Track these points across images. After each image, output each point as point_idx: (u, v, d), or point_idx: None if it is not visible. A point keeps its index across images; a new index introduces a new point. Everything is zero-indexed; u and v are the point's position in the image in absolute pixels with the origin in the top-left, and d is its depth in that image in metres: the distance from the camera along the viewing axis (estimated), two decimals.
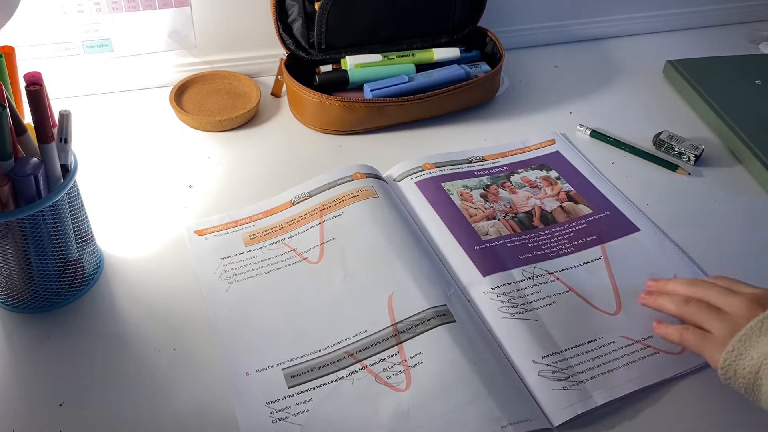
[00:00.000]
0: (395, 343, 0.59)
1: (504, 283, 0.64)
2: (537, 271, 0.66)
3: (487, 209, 0.72)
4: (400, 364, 0.57)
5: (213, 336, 0.60)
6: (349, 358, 0.58)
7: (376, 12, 0.85)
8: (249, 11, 0.86)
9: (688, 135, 0.84)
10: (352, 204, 0.70)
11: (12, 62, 0.58)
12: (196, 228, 0.69)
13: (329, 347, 0.59)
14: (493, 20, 0.94)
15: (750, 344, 0.51)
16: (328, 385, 0.56)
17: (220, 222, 0.70)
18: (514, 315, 0.61)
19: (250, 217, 0.71)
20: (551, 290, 0.64)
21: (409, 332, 0.59)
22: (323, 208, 0.70)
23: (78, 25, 0.81)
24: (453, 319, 0.60)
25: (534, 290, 0.64)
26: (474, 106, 0.88)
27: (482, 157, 0.80)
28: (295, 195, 0.73)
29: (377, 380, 0.56)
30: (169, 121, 0.84)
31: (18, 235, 0.56)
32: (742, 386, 0.52)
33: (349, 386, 0.56)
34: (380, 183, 0.74)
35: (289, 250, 0.67)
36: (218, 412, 0.55)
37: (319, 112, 0.82)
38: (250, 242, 0.68)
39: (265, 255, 0.67)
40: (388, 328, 0.60)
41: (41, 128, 0.54)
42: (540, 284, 0.64)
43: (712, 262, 0.68)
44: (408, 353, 0.58)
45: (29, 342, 0.59)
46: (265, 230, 0.69)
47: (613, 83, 0.95)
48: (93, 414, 0.54)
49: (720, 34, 1.06)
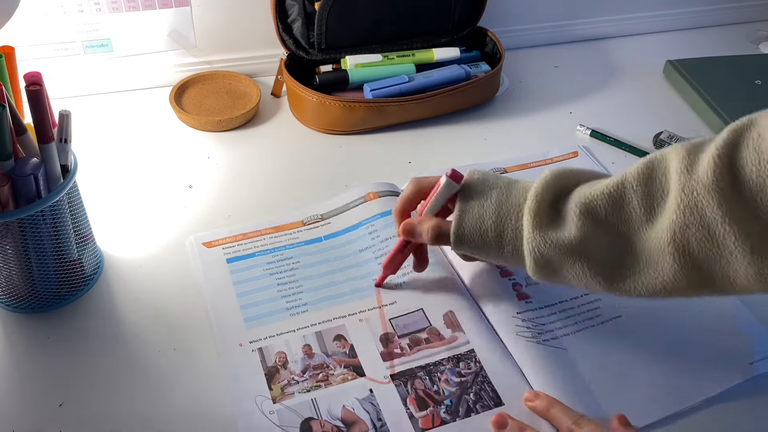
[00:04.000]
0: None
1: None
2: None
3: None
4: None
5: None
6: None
7: (376, 12, 0.85)
8: (249, 11, 0.86)
9: (688, 135, 0.84)
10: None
11: (12, 62, 0.58)
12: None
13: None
14: (493, 20, 0.94)
15: (467, 209, 0.55)
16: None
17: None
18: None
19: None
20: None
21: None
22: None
23: (78, 25, 0.81)
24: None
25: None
26: (474, 106, 0.88)
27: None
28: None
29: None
30: (169, 121, 0.84)
31: (18, 235, 0.56)
32: (473, 245, 0.55)
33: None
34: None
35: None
36: (218, 412, 0.55)
37: (319, 112, 0.82)
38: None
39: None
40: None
41: (41, 128, 0.54)
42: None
43: None
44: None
45: (29, 342, 0.59)
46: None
47: (613, 83, 0.95)
48: (93, 414, 0.55)
49: (720, 34, 1.06)
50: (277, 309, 0.62)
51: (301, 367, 0.58)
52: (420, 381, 0.57)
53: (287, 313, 0.62)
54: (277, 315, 0.62)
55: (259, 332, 0.60)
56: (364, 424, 0.54)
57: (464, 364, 0.58)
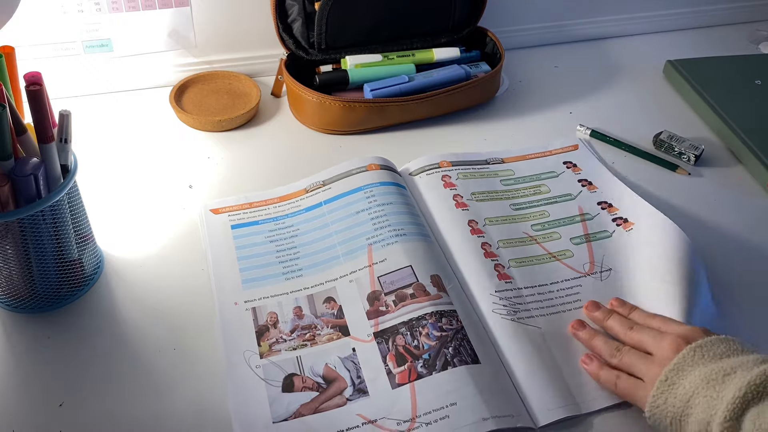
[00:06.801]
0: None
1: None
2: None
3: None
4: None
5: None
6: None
7: (376, 12, 0.85)
8: (249, 11, 0.86)
9: (688, 135, 0.84)
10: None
11: (12, 62, 0.58)
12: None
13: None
14: (493, 20, 0.94)
15: (682, 374, 0.51)
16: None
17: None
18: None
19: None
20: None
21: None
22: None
23: (78, 25, 0.81)
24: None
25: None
26: (474, 106, 0.88)
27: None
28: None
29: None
30: (169, 121, 0.84)
31: (18, 235, 0.56)
32: (669, 416, 0.51)
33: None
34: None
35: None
36: (218, 412, 0.55)
37: (319, 112, 0.82)
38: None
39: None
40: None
41: (41, 128, 0.54)
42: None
43: (713, 262, 0.68)
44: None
45: (29, 342, 0.60)
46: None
47: (613, 83, 0.95)
48: (93, 414, 0.55)
49: (720, 34, 1.06)
50: (274, 273, 0.65)
51: (290, 327, 0.61)
52: (401, 337, 0.59)
53: (283, 277, 0.65)
54: (274, 279, 0.65)
55: (255, 293, 0.63)
56: (344, 381, 0.57)
57: (446, 320, 0.60)
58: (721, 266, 0.68)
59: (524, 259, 0.67)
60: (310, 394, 0.56)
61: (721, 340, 0.53)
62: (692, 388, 0.50)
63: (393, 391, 0.55)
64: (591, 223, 0.71)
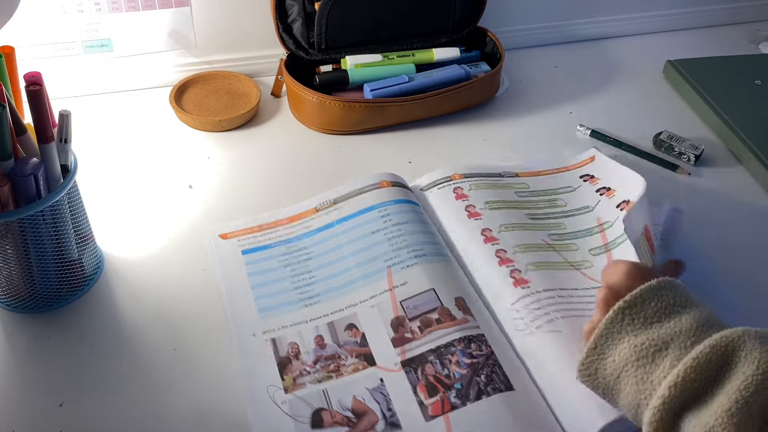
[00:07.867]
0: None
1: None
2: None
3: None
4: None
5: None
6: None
7: (376, 12, 0.85)
8: (249, 11, 0.86)
9: (688, 135, 0.84)
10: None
11: (12, 62, 0.58)
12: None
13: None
14: (493, 20, 0.94)
15: (612, 343, 0.49)
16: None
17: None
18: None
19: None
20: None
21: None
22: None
23: (78, 25, 0.81)
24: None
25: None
26: (474, 106, 0.88)
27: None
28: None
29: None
30: (169, 121, 0.84)
31: (18, 235, 0.56)
32: (601, 387, 0.50)
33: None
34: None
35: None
36: (218, 411, 0.55)
37: (319, 112, 0.82)
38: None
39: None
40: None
41: (41, 128, 0.54)
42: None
43: (712, 262, 0.68)
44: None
45: (29, 342, 0.60)
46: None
47: (613, 83, 0.95)
48: (93, 414, 0.55)
49: (720, 34, 1.06)
50: (291, 300, 0.63)
51: (313, 357, 0.58)
52: (431, 366, 0.56)
53: (300, 304, 0.62)
54: (291, 306, 0.62)
55: (273, 323, 0.61)
56: (375, 415, 0.54)
57: (476, 346, 0.57)
58: (721, 266, 0.68)
59: (542, 263, 0.65)
60: (340, 429, 0.53)
61: (652, 291, 0.50)
62: (621, 362, 0.48)
63: (427, 423, 0.53)
64: (610, 231, 0.68)
